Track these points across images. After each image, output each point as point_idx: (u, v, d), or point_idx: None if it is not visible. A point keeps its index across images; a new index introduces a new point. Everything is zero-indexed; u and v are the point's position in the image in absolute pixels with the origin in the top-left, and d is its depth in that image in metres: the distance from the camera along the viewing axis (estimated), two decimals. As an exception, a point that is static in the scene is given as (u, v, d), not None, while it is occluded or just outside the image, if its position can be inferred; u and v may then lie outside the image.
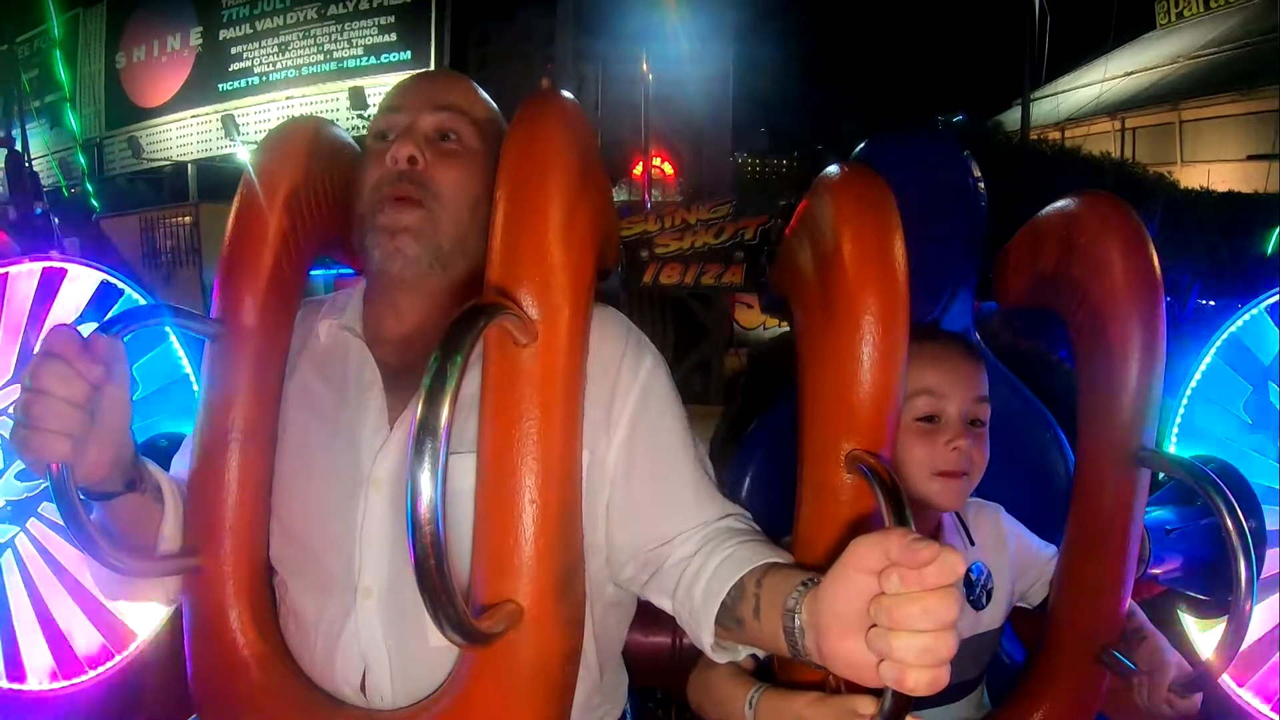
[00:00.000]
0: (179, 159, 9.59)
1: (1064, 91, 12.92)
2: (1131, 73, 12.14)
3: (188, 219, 8.48)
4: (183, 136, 9.54)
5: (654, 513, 0.86)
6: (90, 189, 9.92)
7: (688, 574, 0.81)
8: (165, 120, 9.61)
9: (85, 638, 1.43)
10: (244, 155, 8.70)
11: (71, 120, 9.99)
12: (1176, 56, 11.77)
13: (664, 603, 0.86)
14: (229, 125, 8.90)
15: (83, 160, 10.00)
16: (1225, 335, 1.32)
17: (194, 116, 9.37)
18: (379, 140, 0.91)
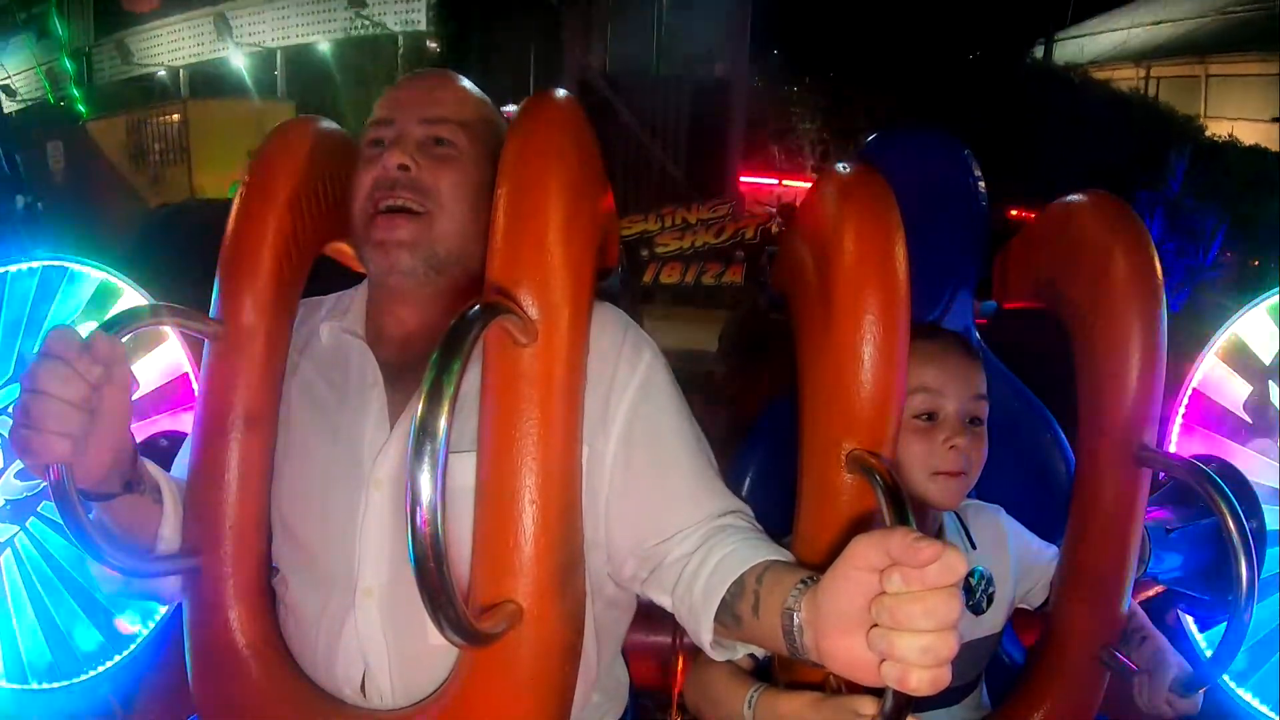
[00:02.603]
0: (170, 64, 9.50)
1: (1089, 35, 12.58)
2: (1159, 21, 11.86)
3: (176, 117, 8.34)
4: (174, 41, 9.43)
5: (653, 508, 0.86)
6: (77, 94, 9.80)
7: (688, 571, 0.81)
8: (156, 25, 9.49)
9: (85, 638, 1.43)
10: (238, 59, 8.56)
11: (58, 25, 9.85)
12: (1206, 10, 11.43)
13: (663, 599, 0.85)
14: (221, 26, 8.80)
15: (69, 65, 9.86)
16: (1225, 335, 1.32)
17: (185, 20, 9.26)
18: (372, 147, 0.91)
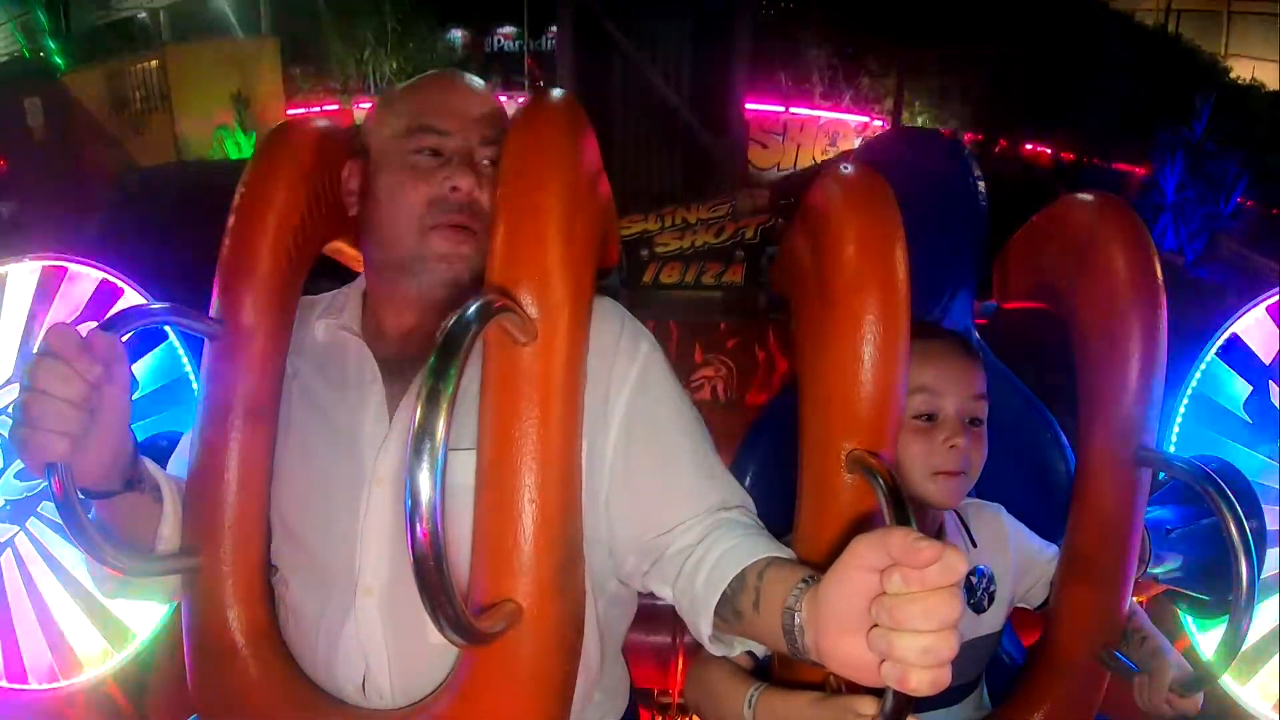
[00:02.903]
0: (150, 4, 9.29)
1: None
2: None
3: (154, 63, 8.19)
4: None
5: (654, 501, 0.86)
6: (53, 47, 9.52)
7: (690, 563, 0.81)
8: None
9: (85, 638, 1.43)
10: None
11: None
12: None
13: (664, 591, 0.85)
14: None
15: (43, 18, 9.52)
16: (1225, 335, 1.32)
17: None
18: (426, 156, 0.89)
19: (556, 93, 0.86)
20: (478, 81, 0.96)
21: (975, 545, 1.09)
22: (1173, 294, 0.97)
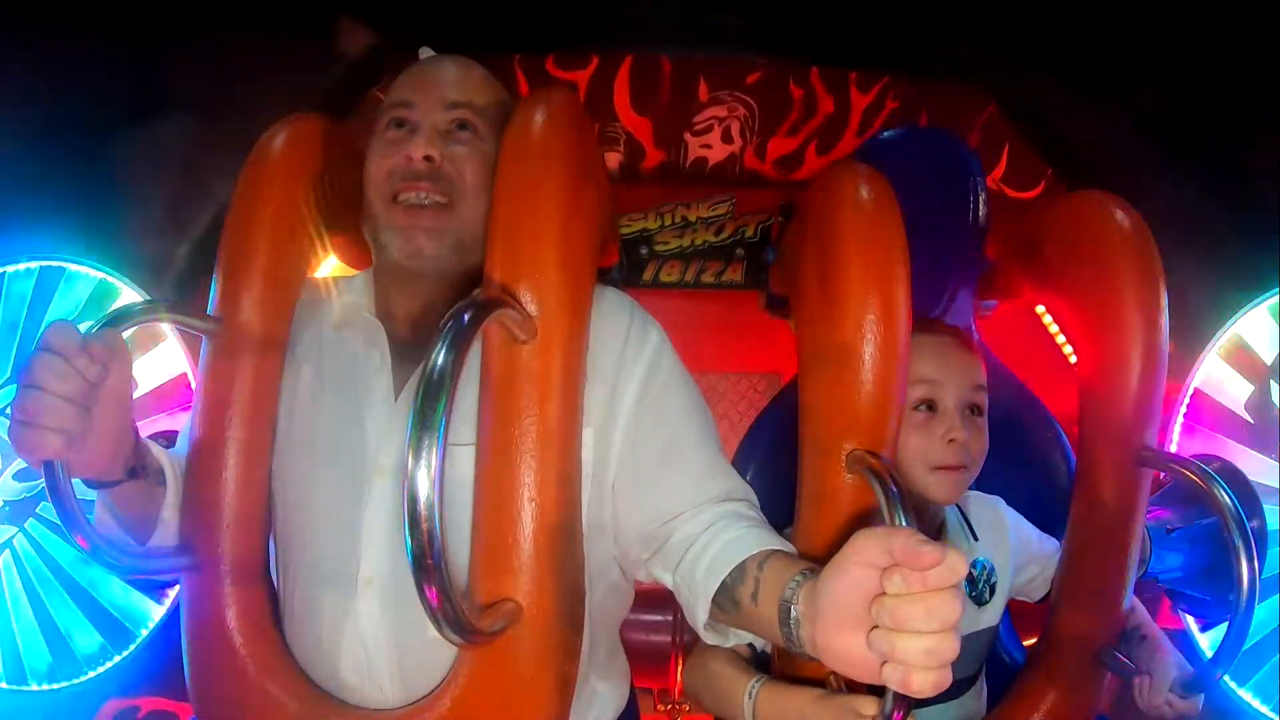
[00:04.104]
0: None
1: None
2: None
3: None
4: None
5: (661, 489, 0.86)
6: None
7: (692, 551, 0.82)
8: None
9: (85, 638, 1.43)
10: None
11: None
12: None
13: (665, 578, 0.85)
14: None
15: None
16: (1226, 335, 1.32)
17: None
18: (393, 128, 0.90)
19: (557, 90, 0.86)
20: (457, 60, 0.95)
21: (976, 539, 1.08)
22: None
